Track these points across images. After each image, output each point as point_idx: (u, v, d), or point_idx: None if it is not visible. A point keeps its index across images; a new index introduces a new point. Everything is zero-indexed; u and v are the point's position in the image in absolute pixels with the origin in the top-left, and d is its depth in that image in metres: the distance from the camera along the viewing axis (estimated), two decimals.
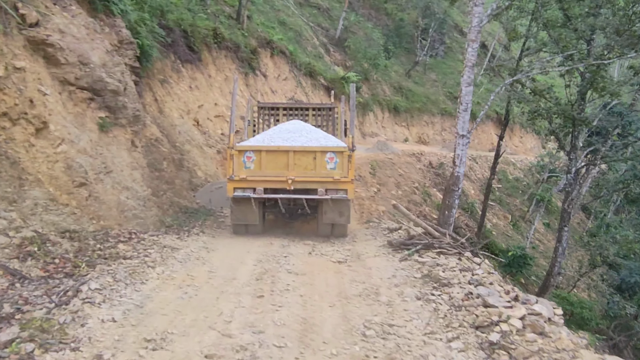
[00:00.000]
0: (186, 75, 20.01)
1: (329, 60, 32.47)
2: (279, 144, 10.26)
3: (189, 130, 17.48)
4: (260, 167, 9.96)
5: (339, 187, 9.91)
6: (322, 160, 9.95)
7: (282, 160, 9.97)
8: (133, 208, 9.92)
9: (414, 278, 7.52)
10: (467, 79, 13.66)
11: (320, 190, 9.90)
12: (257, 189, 9.87)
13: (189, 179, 14.91)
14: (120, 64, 11.06)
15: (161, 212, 11.30)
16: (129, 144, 10.90)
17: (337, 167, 9.96)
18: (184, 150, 15.72)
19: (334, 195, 9.87)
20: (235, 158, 10.02)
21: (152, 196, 11.35)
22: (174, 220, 11.32)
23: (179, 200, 13.06)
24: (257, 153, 10.03)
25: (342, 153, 9.96)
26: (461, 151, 13.95)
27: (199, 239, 9.99)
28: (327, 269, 8.25)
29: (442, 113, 36.46)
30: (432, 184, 27.24)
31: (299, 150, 10.01)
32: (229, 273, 7.74)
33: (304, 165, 9.97)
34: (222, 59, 23.48)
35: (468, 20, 17.01)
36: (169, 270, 7.55)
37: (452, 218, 14.18)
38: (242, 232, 10.78)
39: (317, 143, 10.35)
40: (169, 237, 9.49)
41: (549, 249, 30.41)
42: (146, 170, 11.50)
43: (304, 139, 10.51)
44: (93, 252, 7.34)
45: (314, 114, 14.13)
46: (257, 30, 27.17)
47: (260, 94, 25.52)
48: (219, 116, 21.50)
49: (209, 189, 14.47)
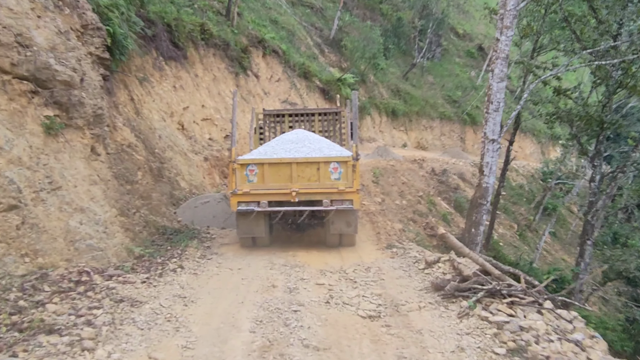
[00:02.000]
0: (170, 73, 17.46)
1: (323, 62, 29.99)
2: (281, 155, 9.79)
3: (172, 134, 14.89)
4: (263, 180, 9.54)
5: (344, 198, 9.47)
6: (326, 171, 9.51)
7: (285, 172, 9.51)
8: (88, 236, 7.32)
9: (495, 355, 4.95)
10: (500, 73, 11.22)
11: (325, 202, 9.45)
12: (262, 202, 9.43)
13: (170, 191, 12.32)
14: (76, 48, 8.47)
15: (130, 237, 8.70)
16: (88, 151, 8.29)
17: (341, 177, 9.50)
18: (165, 158, 13.13)
19: (340, 206, 9.44)
20: (238, 172, 9.62)
21: (120, 217, 8.75)
22: (146, 248, 8.74)
23: (156, 219, 10.47)
24: (260, 166, 9.56)
25: (346, 163, 9.50)
26: (491, 158, 11.51)
27: (176, 279, 7.40)
28: (358, 333, 5.64)
29: (441, 117, 34.09)
30: (436, 192, 24.83)
31: (302, 162, 9.56)
32: (215, 350, 5.18)
33: (308, 176, 9.51)
34: (210, 57, 20.94)
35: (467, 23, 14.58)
36: (119, 352, 4.93)
37: (479, 237, 11.76)
38: (249, 245, 10.23)
39: (321, 153, 9.88)
40: (132, 280, 6.88)
41: (557, 259, 28.10)
42: (112, 184, 8.90)
43: (306, 149, 10.01)
44: (3, 321, 4.72)
45: (320, 119, 13.46)
46: (247, 28, 24.63)
47: (252, 95, 22.96)
48: (206, 119, 18.93)
49: (193, 204, 11.90)
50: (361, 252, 9.71)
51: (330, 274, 8.05)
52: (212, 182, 16.17)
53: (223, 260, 8.67)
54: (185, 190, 13.44)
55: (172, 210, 11.43)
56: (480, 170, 11.81)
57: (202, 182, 14.81)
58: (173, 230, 10.40)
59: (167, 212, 11.07)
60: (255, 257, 9.10)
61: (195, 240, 9.97)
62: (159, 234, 10.04)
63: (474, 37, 43.74)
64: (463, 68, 39.87)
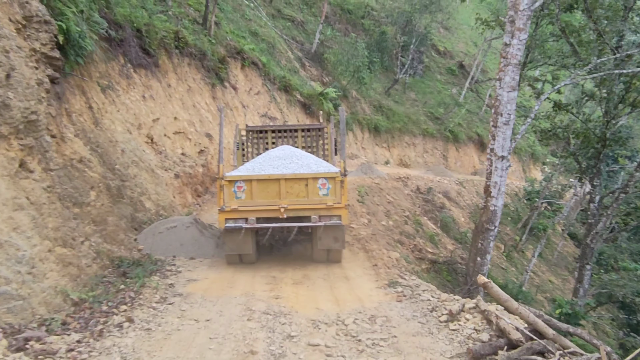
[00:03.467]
0: (139, 82, 15.61)
1: (304, 75, 28.38)
2: (269, 172, 9.58)
3: (137, 148, 12.99)
4: (251, 196, 9.33)
5: (332, 213, 9.34)
6: (314, 187, 9.35)
7: (273, 189, 9.33)
8: (4, 281, 5.40)
9: None
10: (511, 81, 9.66)
11: (313, 217, 9.30)
12: (250, 219, 9.23)
13: (131, 214, 10.41)
14: (3, 38, 6.60)
15: (71, 275, 6.80)
16: (14, 166, 6.40)
17: (329, 193, 9.38)
18: (127, 175, 11.23)
19: (328, 221, 9.29)
20: (226, 188, 9.28)
21: (59, 249, 6.85)
22: (91, 289, 6.84)
23: (111, 249, 8.56)
24: (248, 183, 9.33)
25: (334, 179, 9.38)
26: (499, 177, 9.91)
27: (118, 342, 5.43)
28: None
29: (424, 134, 32.65)
30: (422, 211, 23.27)
31: (290, 178, 9.35)
32: None
33: (296, 192, 9.36)
34: (185, 67, 19.14)
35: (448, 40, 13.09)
36: None
37: (486, 267, 10.11)
38: (235, 262, 9.86)
39: (309, 169, 9.69)
40: (55, 348, 4.95)
41: (544, 281, 26.67)
42: (49, 208, 7.00)
43: (294, 165, 9.80)
44: None
45: (303, 135, 13.22)
46: (226, 39, 22.91)
47: (229, 108, 21.16)
48: (179, 133, 17.06)
49: (157, 229, 9.99)
50: (359, 291, 7.92)
51: (325, 326, 6.21)
52: (183, 202, 14.28)
53: (188, 305, 6.79)
54: (151, 211, 11.53)
55: (132, 237, 9.53)
56: (487, 191, 10.19)
57: (171, 202, 12.91)
58: (131, 262, 8.49)
59: (125, 239, 9.16)
60: (229, 299, 7.24)
61: (157, 275, 8.08)
62: (112, 267, 8.13)
63: (455, 54, 42.70)
64: (444, 85, 38.69)
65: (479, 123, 37.04)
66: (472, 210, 27.27)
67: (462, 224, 25.43)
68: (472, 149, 35.94)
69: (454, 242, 23.01)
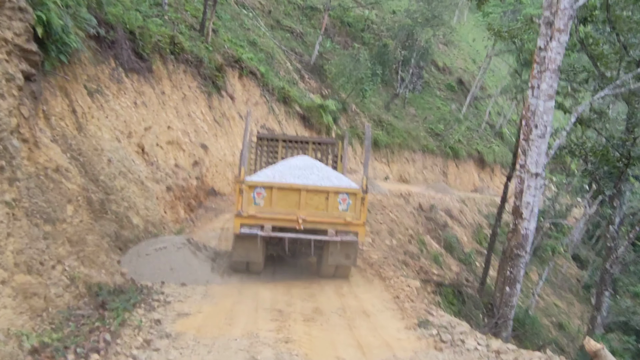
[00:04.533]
0: (130, 87, 14.36)
1: (303, 87, 27.21)
2: (290, 181, 9.24)
3: (126, 158, 11.66)
4: (270, 204, 9.02)
5: (350, 229, 9.06)
6: (334, 201, 9.09)
7: (293, 199, 9.05)
8: None
9: None
10: (548, 89, 8.52)
11: (330, 232, 8.99)
12: (265, 227, 8.92)
13: (116, 231, 9.06)
14: None
15: (34, 311, 5.46)
16: None
17: (349, 209, 9.09)
18: (113, 187, 9.89)
19: (345, 237, 9.01)
20: (245, 193, 8.99)
21: (21, 276, 5.52)
22: (56, 329, 5.47)
23: (89, 273, 7.21)
24: (268, 189, 9.07)
25: (355, 195, 9.11)
26: (533, 197, 8.73)
27: None
28: None
29: (424, 150, 31.54)
30: (425, 230, 22.06)
31: (311, 189, 9.11)
32: None
33: (316, 204, 9.09)
34: (180, 74, 17.89)
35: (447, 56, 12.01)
36: None
37: (515, 298, 8.81)
38: (241, 269, 9.58)
39: (330, 182, 9.30)
40: None
41: (550, 305, 25.41)
42: (12, 227, 5.68)
43: (315, 177, 9.42)
44: None
45: (314, 148, 12.65)
46: (223, 46, 21.72)
47: (226, 118, 19.92)
48: (172, 142, 15.76)
49: (145, 250, 8.62)
50: (385, 333, 6.52)
51: None
52: (174, 218, 12.94)
53: (177, 352, 5.34)
54: (139, 228, 10.18)
55: (115, 259, 8.17)
56: (517, 213, 8.97)
57: (161, 218, 11.56)
58: (112, 289, 7.13)
59: (107, 261, 7.79)
60: (227, 341, 5.87)
61: (141, 307, 6.69)
62: (89, 296, 6.78)
63: (454, 70, 41.84)
64: (444, 101, 37.72)
65: (478, 140, 36.04)
66: (474, 230, 26.11)
67: (466, 244, 24.22)
68: (472, 166, 34.87)
69: (459, 262, 21.79)
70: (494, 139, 38.15)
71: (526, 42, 18.77)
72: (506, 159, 37.94)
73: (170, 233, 11.50)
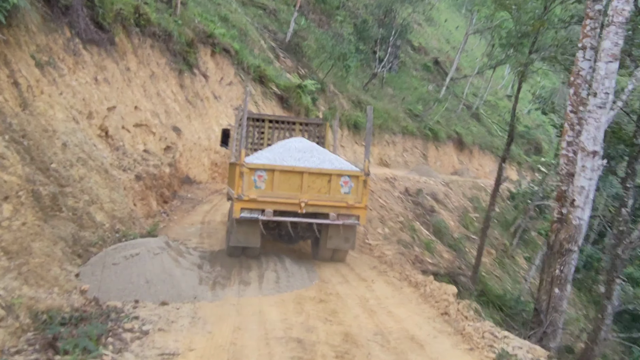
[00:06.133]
0: (90, 61, 12.26)
1: (279, 67, 25.18)
2: (291, 164, 8.83)
3: (86, 142, 9.62)
4: (272, 187, 8.59)
5: (351, 213, 8.78)
6: (336, 184, 8.72)
7: (295, 182, 8.64)
8: None
9: None
10: (612, 47, 6.91)
11: (332, 215, 8.69)
12: (267, 211, 8.50)
13: (74, 233, 7.09)
14: None
15: None
16: None
17: (351, 192, 8.77)
18: (69, 178, 7.87)
19: (347, 220, 8.74)
20: (246, 176, 8.48)
21: None
22: None
23: (36, 296, 5.32)
24: (270, 173, 8.59)
25: (357, 177, 8.81)
26: (588, 181, 7.14)
27: None
28: None
29: (404, 132, 29.93)
30: (414, 215, 20.57)
31: (314, 172, 8.70)
32: None
33: (318, 187, 8.71)
34: (147, 49, 15.76)
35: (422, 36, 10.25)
36: None
37: (564, 302, 7.21)
38: (237, 255, 9.14)
39: (331, 165, 9.01)
40: None
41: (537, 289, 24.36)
42: None
43: (316, 159, 9.08)
44: None
45: (301, 129, 12.27)
46: (193, 21, 19.50)
47: (200, 99, 17.84)
48: (141, 125, 13.72)
49: (111, 257, 6.63)
50: None
51: None
52: (146, 211, 10.98)
53: None
54: (104, 227, 8.21)
55: (73, 272, 6.22)
56: (568, 200, 7.39)
57: (130, 213, 9.58)
58: (67, 317, 5.21)
59: (61, 276, 5.86)
60: None
61: (109, 343, 4.79)
62: (35, 330, 4.89)
63: (429, 50, 40.30)
64: (420, 82, 36.17)
65: (457, 121, 34.71)
66: (460, 214, 24.81)
67: (453, 229, 22.84)
68: (452, 148, 33.55)
69: (449, 249, 20.41)
70: (470, 120, 36.93)
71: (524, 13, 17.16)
72: (484, 141, 36.84)
73: (142, 230, 9.56)
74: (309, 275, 8.26)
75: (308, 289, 7.36)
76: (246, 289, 7.18)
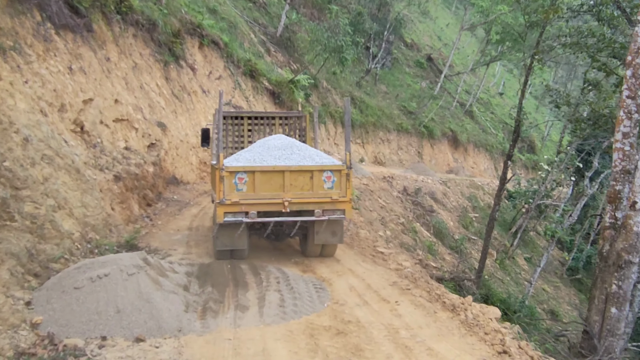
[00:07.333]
0: (63, 48, 10.89)
1: (270, 61, 23.84)
2: (271, 163, 8.61)
3: (54, 137, 8.24)
4: (253, 189, 8.39)
5: (336, 208, 8.69)
6: (319, 180, 8.62)
7: (277, 181, 8.47)
8: None
9: None
10: None
11: (317, 211, 8.57)
12: (251, 213, 8.31)
13: (29, 247, 5.74)
14: None
15: None
16: None
17: (334, 186, 8.70)
18: (28, 179, 6.50)
19: (332, 216, 8.63)
20: (226, 180, 8.21)
21: None
22: None
23: None
24: (250, 174, 8.37)
25: (339, 171, 8.72)
26: None
27: None
28: None
29: (398, 129, 28.73)
30: (414, 216, 19.37)
31: (295, 170, 8.55)
32: None
33: (300, 185, 8.56)
34: (129, 38, 14.39)
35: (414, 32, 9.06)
36: None
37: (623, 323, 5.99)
38: (226, 258, 8.93)
39: (312, 161, 8.83)
40: None
41: (539, 290, 23.24)
42: None
43: (296, 156, 8.89)
44: None
45: (280, 123, 11.96)
46: (180, 11, 18.11)
47: (187, 93, 16.46)
48: (121, 120, 12.34)
49: (73, 279, 5.23)
50: None
51: None
52: (126, 216, 9.61)
53: None
54: (72, 237, 6.85)
55: (24, 299, 4.87)
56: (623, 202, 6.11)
57: (106, 218, 8.22)
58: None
59: (6, 305, 4.52)
60: None
61: None
62: None
63: (421, 47, 39.14)
64: (414, 78, 34.99)
65: (451, 119, 33.59)
66: (460, 214, 23.66)
67: (453, 229, 21.67)
68: (446, 145, 32.41)
69: (450, 251, 19.24)
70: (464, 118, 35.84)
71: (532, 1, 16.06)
72: (479, 139, 35.78)
73: (119, 238, 8.21)
74: (319, 295, 6.87)
75: (320, 314, 5.99)
76: (244, 316, 5.80)
